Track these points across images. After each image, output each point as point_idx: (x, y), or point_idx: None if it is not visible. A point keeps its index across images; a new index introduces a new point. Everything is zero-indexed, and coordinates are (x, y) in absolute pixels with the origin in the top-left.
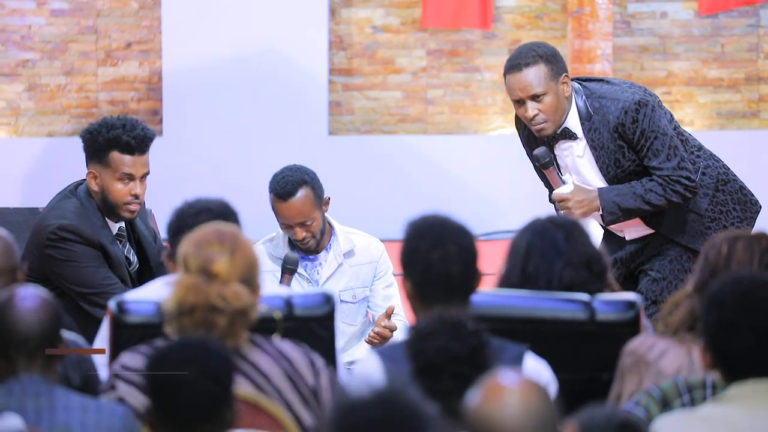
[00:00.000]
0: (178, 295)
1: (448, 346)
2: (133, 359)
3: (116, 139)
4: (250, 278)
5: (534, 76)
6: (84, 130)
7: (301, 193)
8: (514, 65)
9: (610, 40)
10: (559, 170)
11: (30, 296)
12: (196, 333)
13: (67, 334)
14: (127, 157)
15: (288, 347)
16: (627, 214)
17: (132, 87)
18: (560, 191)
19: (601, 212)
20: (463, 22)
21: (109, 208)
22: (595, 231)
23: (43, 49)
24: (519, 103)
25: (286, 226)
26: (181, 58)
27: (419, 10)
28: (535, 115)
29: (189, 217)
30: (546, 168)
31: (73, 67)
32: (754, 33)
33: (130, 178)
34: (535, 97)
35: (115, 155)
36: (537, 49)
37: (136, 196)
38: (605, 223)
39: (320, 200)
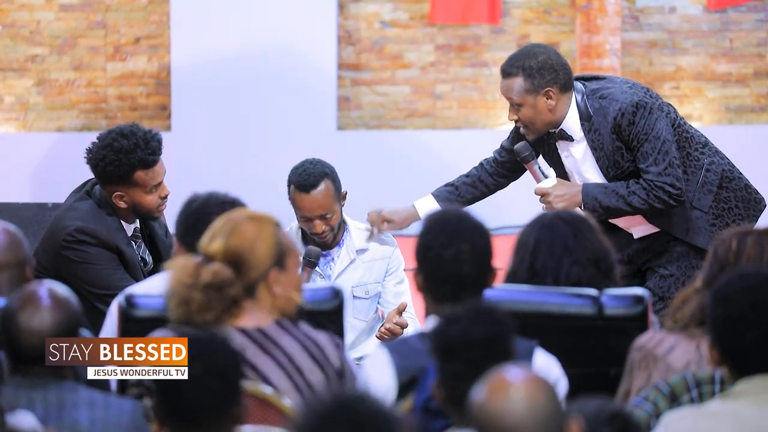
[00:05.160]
0: (170, 280)
1: (468, 330)
2: None
3: (140, 161)
4: (243, 259)
5: (510, 86)
6: (95, 159)
7: (323, 186)
8: (501, 69)
9: (619, 35)
10: (564, 163)
11: (50, 293)
12: (179, 312)
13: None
14: (151, 171)
15: (313, 331)
16: (607, 212)
17: (141, 82)
18: (541, 185)
19: (582, 208)
20: (472, 17)
21: (140, 215)
22: None
23: (52, 44)
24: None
25: (306, 219)
26: (190, 53)
27: (427, 5)
28: (515, 120)
29: (206, 214)
30: (526, 162)
31: (82, 62)
32: (763, 28)
33: (159, 185)
34: (513, 104)
35: (141, 174)
36: (524, 59)
37: (166, 197)
38: None
39: (339, 194)
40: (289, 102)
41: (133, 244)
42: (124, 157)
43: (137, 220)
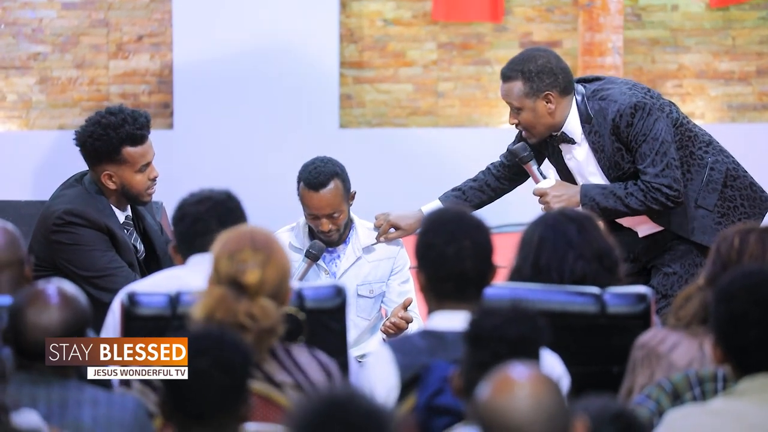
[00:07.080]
0: (208, 307)
1: (502, 325)
2: None
3: (128, 136)
4: (280, 289)
5: (510, 90)
6: (83, 136)
7: (332, 185)
8: (501, 73)
9: (621, 33)
10: (568, 163)
11: (58, 291)
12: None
13: None
14: (140, 149)
15: (305, 359)
16: (605, 213)
17: (143, 80)
18: (540, 185)
19: (580, 208)
20: (474, 15)
21: (130, 198)
22: None
23: (54, 42)
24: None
25: (313, 217)
26: (192, 51)
27: (430, 2)
28: (516, 124)
29: (190, 205)
30: (524, 163)
31: (84, 60)
32: (766, 25)
33: (147, 165)
34: (513, 108)
35: (129, 151)
36: (523, 63)
37: (155, 179)
38: None
39: (348, 193)
40: (291, 100)
41: (125, 231)
42: (113, 131)
43: (128, 208)
